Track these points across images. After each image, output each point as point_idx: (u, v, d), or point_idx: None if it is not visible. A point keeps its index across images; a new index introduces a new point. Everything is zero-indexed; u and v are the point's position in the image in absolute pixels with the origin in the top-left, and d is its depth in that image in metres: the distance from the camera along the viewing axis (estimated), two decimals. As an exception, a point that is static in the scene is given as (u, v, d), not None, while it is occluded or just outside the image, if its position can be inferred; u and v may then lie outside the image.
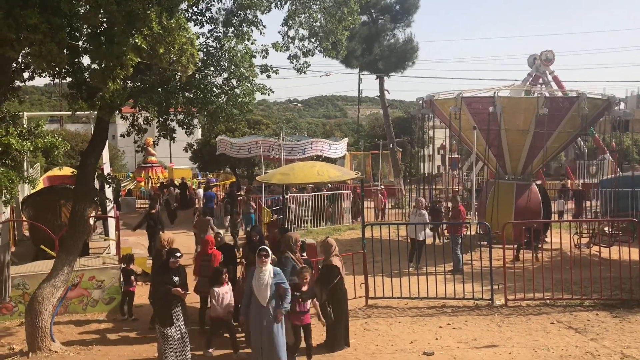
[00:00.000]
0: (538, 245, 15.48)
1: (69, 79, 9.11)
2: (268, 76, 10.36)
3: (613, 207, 18.04)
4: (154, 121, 10.59)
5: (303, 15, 10.32)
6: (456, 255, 14.61)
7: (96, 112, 9.51)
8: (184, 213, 26.07)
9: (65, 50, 7.74)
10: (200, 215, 18.48)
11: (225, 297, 9.29)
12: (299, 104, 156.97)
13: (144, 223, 16.46)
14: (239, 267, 11.41)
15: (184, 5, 8.90)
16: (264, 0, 9.89)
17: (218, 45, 9.92)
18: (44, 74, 8.80)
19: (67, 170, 14.98)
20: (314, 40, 10.59)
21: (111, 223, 15.33)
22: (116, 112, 10.05)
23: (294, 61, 10.91)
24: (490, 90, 17.91)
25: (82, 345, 10.01)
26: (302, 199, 23.03)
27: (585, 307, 11.32)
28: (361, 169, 37.16)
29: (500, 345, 9.40)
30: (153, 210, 16.65)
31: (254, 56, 10.00)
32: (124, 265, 11.99)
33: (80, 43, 8.44)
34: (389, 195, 28.86)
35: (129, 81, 9.58)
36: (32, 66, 8.63)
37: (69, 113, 10.89)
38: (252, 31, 10.06)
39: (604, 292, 11.54)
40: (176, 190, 28.82)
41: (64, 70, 8.83)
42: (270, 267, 8.23)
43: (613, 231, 16.16)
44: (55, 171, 20.87)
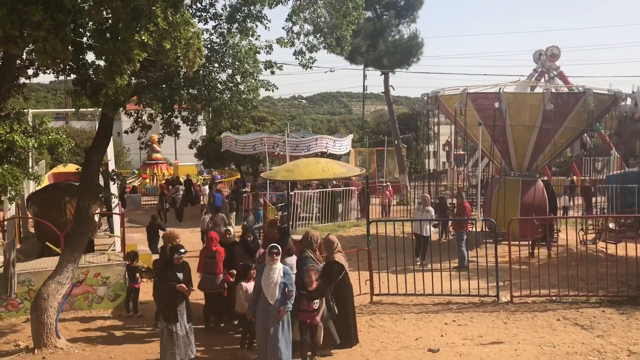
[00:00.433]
0: (552, 241, 15.39)
1: (73, 76, 9.10)
2: (272, 72, 10.32)
3: (620, 203, 17.94)
4: (158, 118, 10.57)
5: (307, 10, 10.25)
6: (461, 251, 14.58)
7: (100, 109, 9.50)
8: (188, 210, 26.12)
9: (69, 47, 7.73)
10: (206, 212, 18.67)
11: None
12: (304, 101, 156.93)
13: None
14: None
15: (188, 0, 8.88)
16: None
17: (222, 42, 9.87)
18: (48, 71, 8.81)
19: (72, 167, 15.01)
20: (318, 36, 10.51)
21: (116, 220, 15.36)
22: (120, 109, 10.04)
23: (300, 57, 10.84)
24: (495, 86, 17.83)
25: (88, 342, 10.03)
26: (307, 195, 22.99)
27: (592, 304, 11.25)
28: (366, 166, 37.11)
29: (505, 342, 9.36)
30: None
31: (258, 52, 9.95)
32: (128, 262, 12.02)
33: (85, 39, 8.43)
34: (394, 192, 28.80)
35: (134, 78, 9.56)
36: (36, 63, 8.62)
37: (74, 110, 10.88)
38: (257, 26, 10.02)
39: (611, 289, 11.48)
40: (182, 187, 28.88)
41: (68, 66, 8.85)
42: (280, 266, 8.15)
43: (618, 227, 16.06)
44: (60, 168, 20.92)
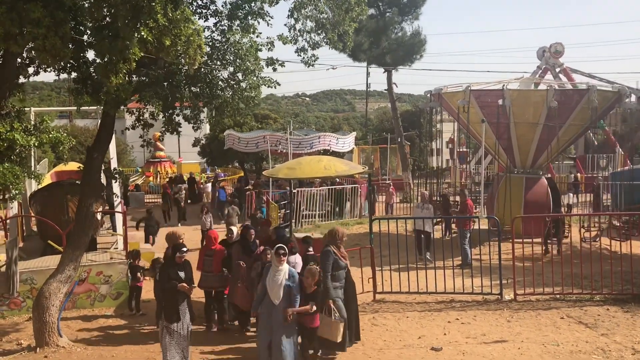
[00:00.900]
0: (562, 239, 15.29)
1: (75, 74, 9.05)
2: (274, 69, 10.25)
3: (627, 200, 17.85)
4: (160, 116, 10.52)
5: (309, 7, 10.17)
6: (464, 249, 14.52)
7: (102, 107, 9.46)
8: (191, 208, 26.11)
9: (69, 45, 7.69)
10: (207, 212, 18.70)
11: None
12: (307, 98, 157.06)
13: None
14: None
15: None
16: None
17: (223, 39, 9.81)
18: (49, 69, 8.77)
19: (73, 166, 15.01)
20: (320, 32, 10.43)
21: (119, 218, 15.35)
22: (122, 107, 9.99)
23: (302, 54, 10.77)
24: (499, 83, 17.75)
25: (90, 341, 10.01)
26: (311, 193, 22.93)
27: (596, 302, 11.19)
28: (369, 163, 37.07)
29: (509, 340, 9.31)
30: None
31: (260, 49, 9.88)
32: (131, 261, 11.99)
33: (86, 37, 8.38)
34: (397, 189, 28.74)
35: (134, 75, 9.51)
36: (37, 61, 8.57)
37: (76, 108, 10.84)
38: (259, 23, 9.94)
39: (615, 287, 11.41)
40: (184, 186, 28.88)
41: (69, 65, 8.80)
42: (286, 267, 7.99)
43: (622, 224, 15.98)
44: (62, 166, 20.94)
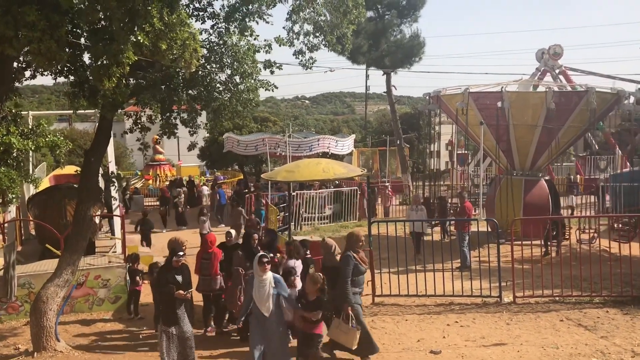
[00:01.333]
0: (562, 241, 15.26)
1: (72, 77, 9.01)
2: (272, 72, 10.22)
3: (628, 202, 17.82)
4: (157, 119, 10.49)
5: (307, 10, 10.14)
6: (463, 252, 14.50)
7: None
8: (190, 211, 26.08)
9: (65, 48, 7.65)
10: (206, 214, 18.77)
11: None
12: (307, 101, 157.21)
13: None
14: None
15: (184, 0, 8.81)
16: None
17: (221, 42, 9.79)
18: (45, 73, 8.74)
19: (71, 169, 14.96)
20: (318, 35, 10.41)
21: (117, 222, 15.32)
22: (120, 110, 9.96)
23: (300, 57, 10.74)
24: (497, 85, 17.74)
25: (88, 345, 9.98)
26: (310, 195, 22.91)
27: (595, 304, 11.15)
28: (369, 166, 37.03)
29: (508, 343, 9.27)
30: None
31: (258, 51, 9.86)
32: (130, 265, 11.96)
33: (83, 40, 8.36)
34: (397, 192, 28.72)
35: (132, 79, 9.49)
36: (33, 64, 8.54)
37: (75, 112, 10.80)
38: (258, 23, 9.91)
39: (614, 289, 11.36)
40: (184, 189, 28.86)
41: (65, 68, 8.77)
42: (270, 276, 7.70)
43: (623, 226, 15.96)
44: (59, 170, 20.87)
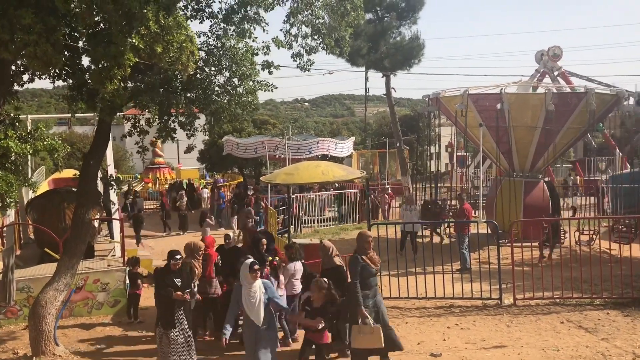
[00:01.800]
0: (559, 243, 15.23)
1: (70, 81, 8.99)
2: (270, 73, 10.18)
3: (628, 203, 17.80)
4: (156, 122, 10.46)
5: (305, 12, 10.11)
6: (463, 254, 14.45)
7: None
8: (190, 214, 26.02)
9: (63, 52, 7.63)
10: (208, 217, 18.75)
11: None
12: (307, 104, 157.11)
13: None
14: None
15: (182, 2, 8.78)
16: None
17: (219, 44, 9.76)
18: (43, 76, 8.71)
19: (70, 173, 14.92)
20: (316, 37, 10.38)
21: (116, 225, 15.28)
22: (118, 114, 9.93)
23: (298, 59, 10.71)
24: (497, 87, 17.72)
25: (87, 349, 9.95)
26: (309, 198, 22.87)
27: (596, 306, 11.11)
28: (368, 168, 37.02)
29: (509, 345, 9.24)
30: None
31: (256, 54, 9.83)
32: (129, 268, 11.92)
33: (81, 44, 8.33)
34: (397, 194, 28.66)
35: (130, 81, 9.45)
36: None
37: (73, 115, 10.76)
38: (255, 29, 9.88)
39: (615, 291, 11.33)
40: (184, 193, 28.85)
41: (63, 71, 8.75)
42: (259, 282, 7.54)
43: (624, 228, 15.94)
44: (58, 174, 20.83)
